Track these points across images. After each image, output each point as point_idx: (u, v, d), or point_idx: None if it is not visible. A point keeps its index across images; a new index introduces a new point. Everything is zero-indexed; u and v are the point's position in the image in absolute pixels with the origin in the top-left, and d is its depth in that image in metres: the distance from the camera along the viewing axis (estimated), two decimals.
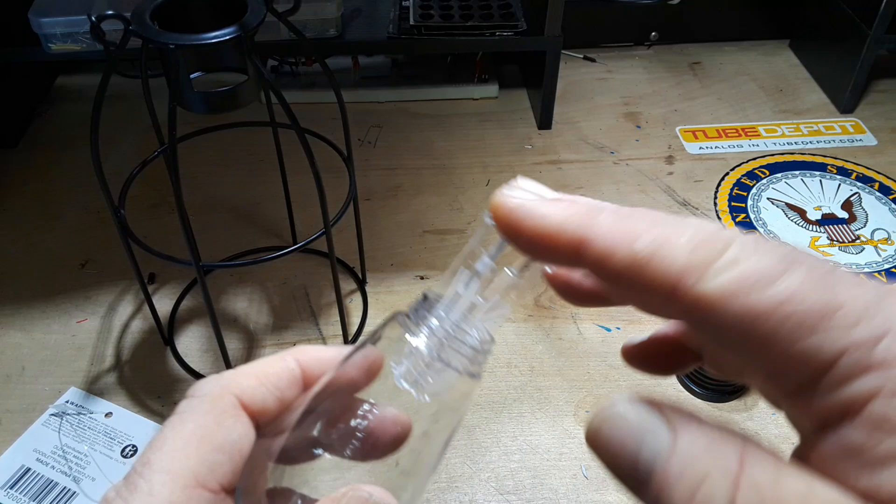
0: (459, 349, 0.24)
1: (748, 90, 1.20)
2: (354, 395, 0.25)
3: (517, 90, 1.18)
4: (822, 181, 1.02)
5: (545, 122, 1.10)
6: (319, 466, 0.24)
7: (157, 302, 0.80)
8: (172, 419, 0.24)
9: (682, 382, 0.76)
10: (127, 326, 0.82)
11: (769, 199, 0.99)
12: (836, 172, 1.03)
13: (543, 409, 0.74)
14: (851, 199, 0.99)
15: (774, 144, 1.08)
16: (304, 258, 0.89)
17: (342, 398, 0.25)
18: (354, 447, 0.24)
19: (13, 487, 0.68)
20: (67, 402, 0.75)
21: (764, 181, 1.01)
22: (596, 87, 1.20)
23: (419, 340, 0.24)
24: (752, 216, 0.96)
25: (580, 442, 0.70)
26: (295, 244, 0.67)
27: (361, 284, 0.86)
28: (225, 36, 0.55)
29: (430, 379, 0.24)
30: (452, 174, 1.03)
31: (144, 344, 0.81)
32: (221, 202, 0.98)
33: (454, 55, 1.18)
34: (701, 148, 1.08)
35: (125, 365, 0.78)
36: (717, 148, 1.08)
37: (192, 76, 0.58)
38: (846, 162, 1.05)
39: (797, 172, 1.03)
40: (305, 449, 0.24)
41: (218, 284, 0.87)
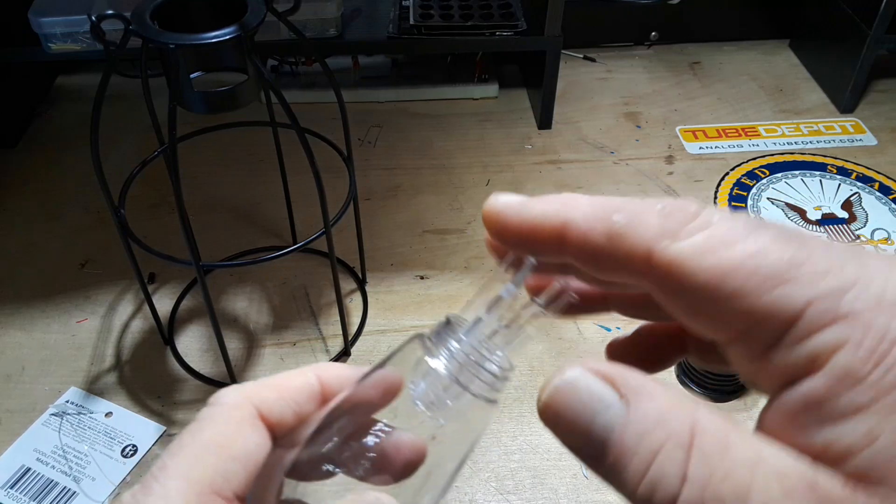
0: (478, 373, 0.24)
1: (748, 90, 1.20)
2: (371, 414, 0.25)
3: (517, 90, 1.18)
4: (822, 181, 1.02)
5: (545, 121, 1.10)
6: (330, 483, 0.24)
7: (157, 302, 0.80)
8: (191, 426, 0.25)
9: (681, 382, 0.76)
10: (127, 326, 0.82)
11: (769, 199, 0.99)
12: (836, 172, 1.03)
13: None
14: (851, 198, 0.99)
15: (774, 144, 1.08)
16: (304, 258, 0.89)
17: (358, 417, 0.25)
18: (365, 467, 0.24)
19: (13, 487, 0.68)
20: (67, 401, 0.75)
21: (764, 181, 1.01)
22: (596, 87, 1.20)
23: (438, 363, 0.24)
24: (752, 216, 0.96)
25: None
26: (295, 244, 0.67)
27: (361, 284, 0.86)
28: (225, 36, 0.56)
29: (447, 402, 0.24)
30: (452, 174, 1.03)
31: (144, 344, 0.81)
32: (221, 202, 0.98)
33: (454, 55, 1.18)
34: (701, 148, 1.08)
35: (125, 365, 0.78)
36: (717, 148, 1.08)
37: (192, 76, 0.58)
38: (846, 162, 1.05)
39: (797, 172, 1.03)
40: (317, 465, 0.24)
41: (218, 284, 0.87)
